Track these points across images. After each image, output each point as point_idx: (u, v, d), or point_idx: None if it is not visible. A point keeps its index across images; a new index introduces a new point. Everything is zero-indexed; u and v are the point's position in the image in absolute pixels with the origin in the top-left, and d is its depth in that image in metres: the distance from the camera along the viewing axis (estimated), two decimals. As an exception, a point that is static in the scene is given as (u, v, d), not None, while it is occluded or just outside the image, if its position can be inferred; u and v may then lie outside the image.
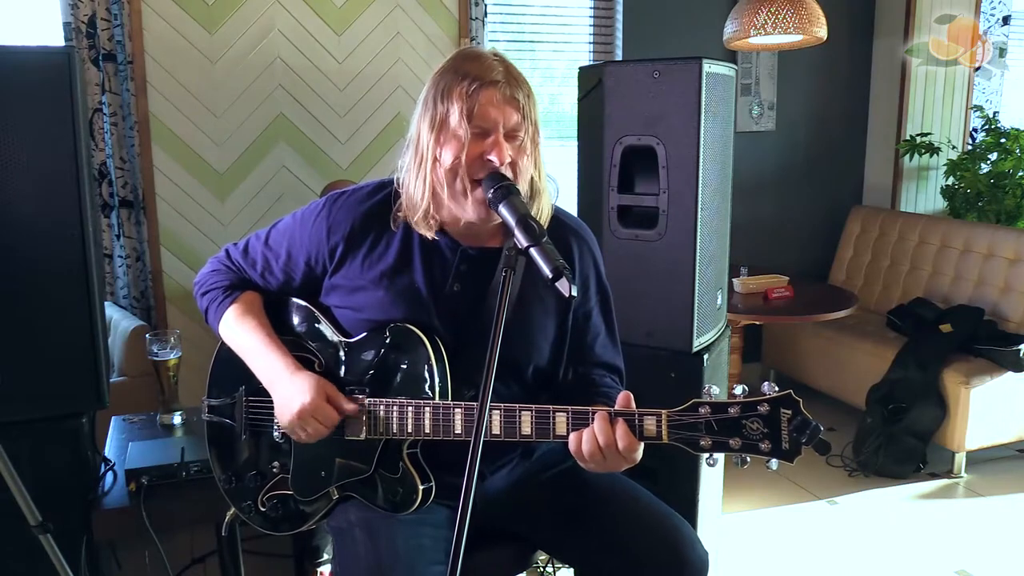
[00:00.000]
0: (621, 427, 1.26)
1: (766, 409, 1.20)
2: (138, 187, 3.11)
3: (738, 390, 1.23)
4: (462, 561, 1.08)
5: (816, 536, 2.93)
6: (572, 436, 1.29)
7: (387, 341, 1.44)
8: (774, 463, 1.21)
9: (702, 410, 1.23)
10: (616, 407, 1.30)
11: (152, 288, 3.17)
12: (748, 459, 1.23)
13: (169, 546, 1.84)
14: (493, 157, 1.34)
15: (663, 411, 1.25)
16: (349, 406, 1.42)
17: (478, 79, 1.34)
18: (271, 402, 1.49)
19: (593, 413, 1.28)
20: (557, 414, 1.31)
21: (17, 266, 1.68)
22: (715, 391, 1.25)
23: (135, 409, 2.29)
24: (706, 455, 1.24)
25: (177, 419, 2.15)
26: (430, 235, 1.43)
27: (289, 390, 1.43)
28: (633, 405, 1.29)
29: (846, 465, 3.45)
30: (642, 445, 1.28)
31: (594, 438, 1.27)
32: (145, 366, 2.35)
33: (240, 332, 1.52)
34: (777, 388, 1.21)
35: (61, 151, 1.68)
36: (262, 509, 1.55)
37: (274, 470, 1.54)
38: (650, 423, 1.25)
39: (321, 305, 1.54)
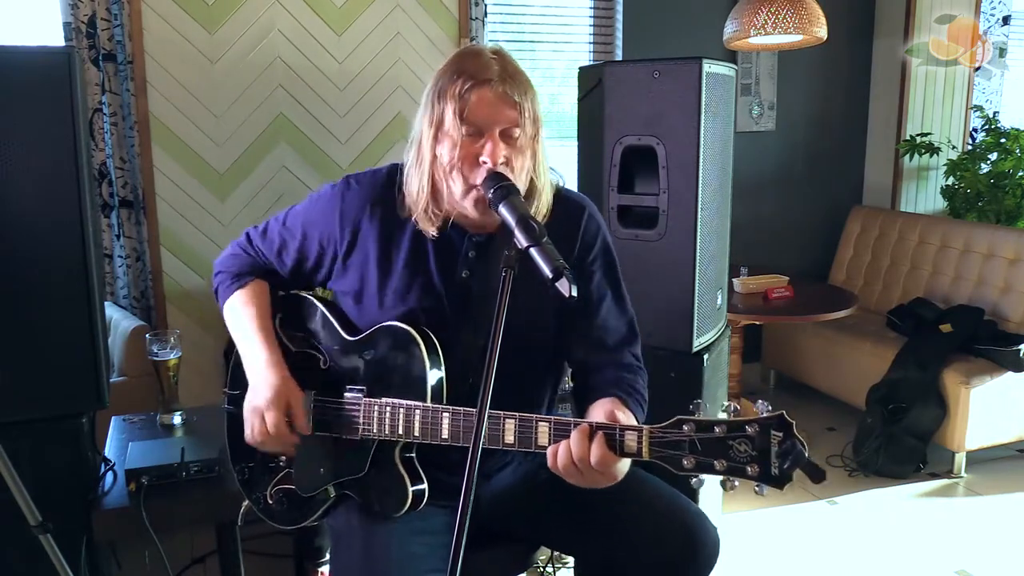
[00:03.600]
0: (597, 442, 1.22)
1: (755, 430, 1.12)
2: (138, 187, 3.11)
3: (730, 408, 1.16)
4: (462, 562, 1.08)
5: (816, 536, 2.93)
6: (550, 449, 1.26)
7: (384, 340, 1.44)
8: (764, 488, 1.13)
9: (686, 427, 1.16)
10: (603, 418, 1.27)
11: (152, 288, 3.17)
12: (736, 482, 1.16)
13: (169, 546, 1.84)
14: (487, 158, 1.35)
15: (644, 427, 1.21)
16: (300, 422, 1.44)
17: (472, 78, 1.35)
18: None
19: (575, 425, 1.26)
20: (539, 423, 1.29)
21: (17, 266, 1.68)
22: (704, 407, 1.19)
23: (135, 409, 2.29)
24: (690, 476, 1.18)
25: (177, 419, 2.15)
26: (432, 232, 1.43)
27: (257, 381, 1.47)
28: (620, 417, 1.27)
29: (846, 465, 3.45)
30: (623, 461, 1.24)
31: (568, 452, 1.24)
32: (145, 366, 2.35)
33: (238, 316, 1.55)
34: (771, 408, 1.14)
35: (61, 151, 1.68)
36: (270, 502, 1.57)
37: (281, 464, 1.55)
38: (631, 439, 1.21)
39: (330, 297, 1.55)
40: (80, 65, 1.72)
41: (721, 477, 1.15)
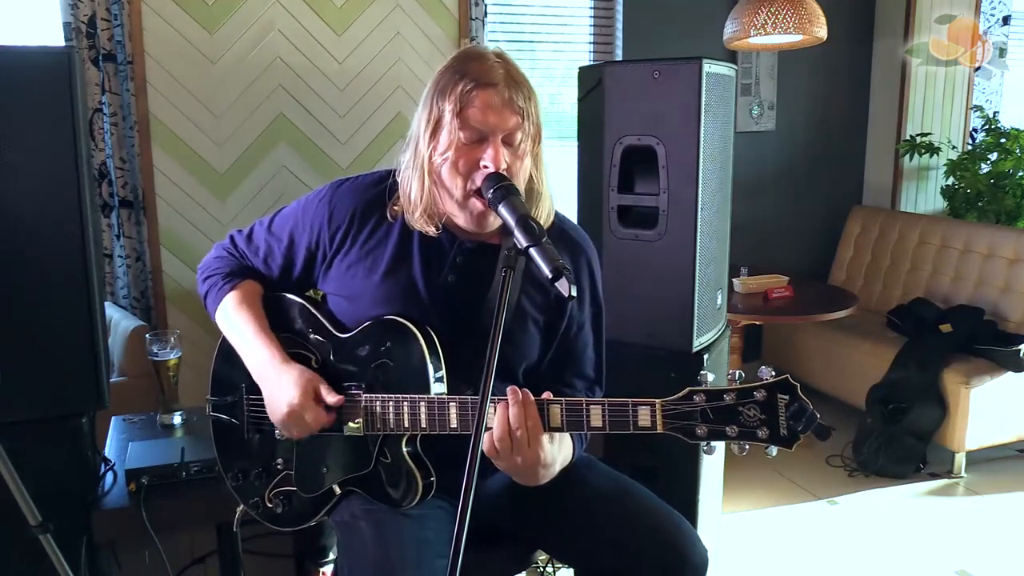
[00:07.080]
0: (531, 409, 1.24)
1: (763, 395, 1.18)
2: (138, 187, 3.11)
3: (735, 376, 1.21)
4: (462, 560, 1.08)
5: (816, 536, 2.93)
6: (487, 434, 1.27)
7: (381, 335, 1.44)
8: (773, 449, 1.19)
9: (697, 398, 1.21)
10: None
11: (152, 288, 3.17)
12: (747, 446, 1.21)
13: (169, 546, 1.84)
14: (489, 163, 1.35)
15: (656, 400, 1.23)
16: (332, 398, 1.43)
17: (475, 80, 1.34)
18: None
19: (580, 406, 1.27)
20: (551, 405, 1.30)
21: (17, 266, 1.67)
22: (710, 378, 1.23)
23: (135, 409, 2.29)
24: (702, 444, 1.22)
25: (177, 419, 2.15)
26: (432, 232, 1.43)
27: (277, 385, 1.45)
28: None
29: (846, 465, 3.45)
30: (549, 446, 1.28)
31: (505, 418, 1.26)
32: (145, 366, 2.35)
33: (234, 321, 1.53)
34: (775, 373, 1.19)
35: (61, 151, 1.68)
36: (269, 505, 1.56)
37: (278, 467, 1.55)
38: (644, 413, 1.24)
39: (317, 298, 1.55)
40: (80, 65, 1.72)
41: (734, 443, 1.20)
